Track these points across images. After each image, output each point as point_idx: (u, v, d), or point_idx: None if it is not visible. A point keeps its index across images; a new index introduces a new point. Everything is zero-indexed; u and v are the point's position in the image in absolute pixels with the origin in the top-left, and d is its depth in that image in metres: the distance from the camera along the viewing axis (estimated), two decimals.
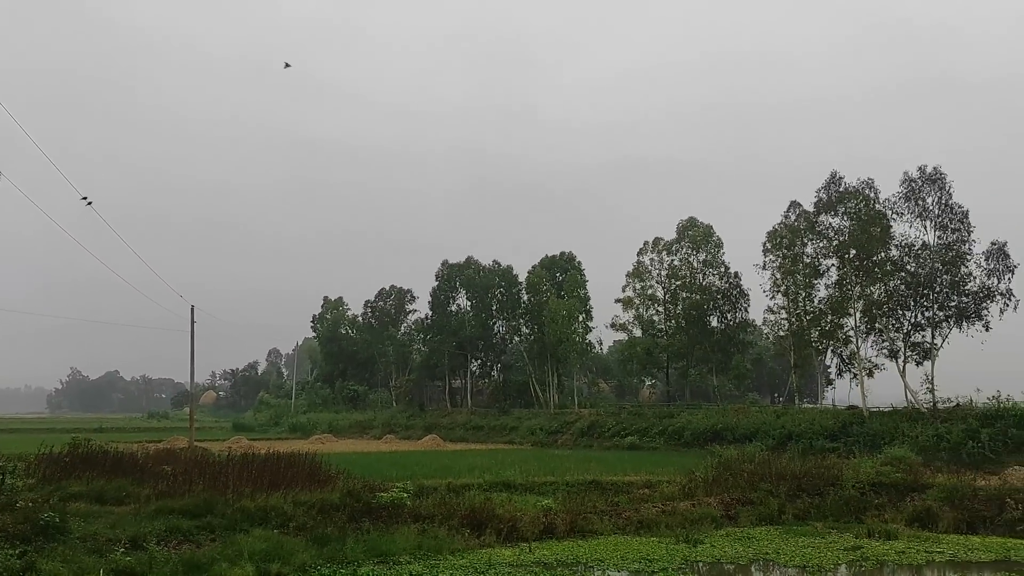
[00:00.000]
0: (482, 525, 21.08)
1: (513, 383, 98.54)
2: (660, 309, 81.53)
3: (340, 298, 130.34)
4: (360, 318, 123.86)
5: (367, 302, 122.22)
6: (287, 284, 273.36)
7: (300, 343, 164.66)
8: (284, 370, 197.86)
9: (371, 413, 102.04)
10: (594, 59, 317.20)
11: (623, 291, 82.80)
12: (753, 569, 18.92)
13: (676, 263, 79.78)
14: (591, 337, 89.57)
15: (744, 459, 30.95)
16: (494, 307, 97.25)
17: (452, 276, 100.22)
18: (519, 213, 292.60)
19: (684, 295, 77.97)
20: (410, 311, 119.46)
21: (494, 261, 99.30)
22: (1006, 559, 19.41)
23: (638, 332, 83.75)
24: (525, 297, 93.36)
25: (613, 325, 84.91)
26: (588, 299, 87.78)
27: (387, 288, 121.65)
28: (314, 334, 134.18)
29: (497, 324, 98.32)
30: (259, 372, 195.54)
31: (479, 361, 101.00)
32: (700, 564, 19.04)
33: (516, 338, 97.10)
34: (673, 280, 79.59)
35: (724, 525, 24.21)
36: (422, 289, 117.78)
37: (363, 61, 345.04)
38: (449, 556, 18.66)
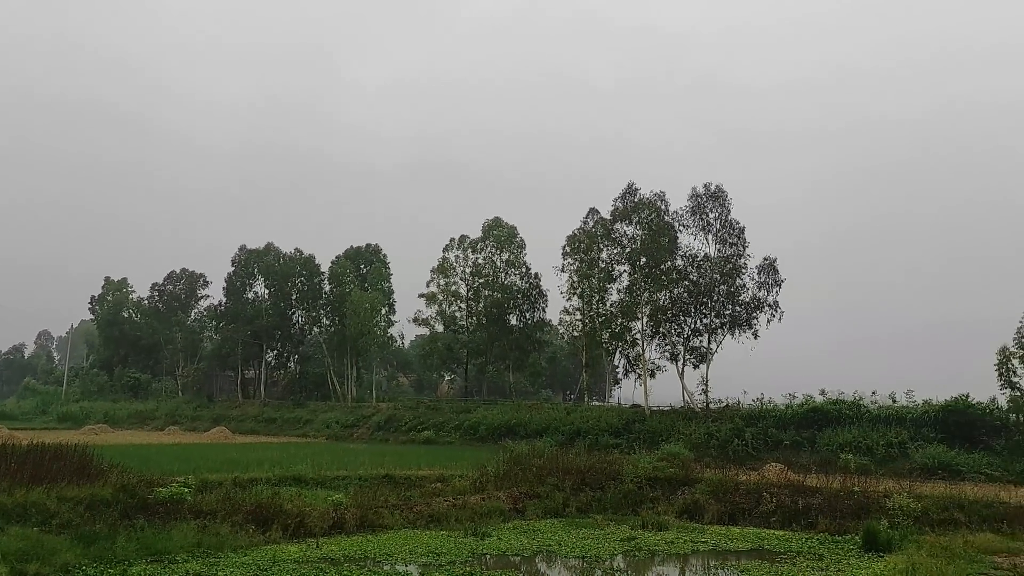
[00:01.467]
0: (268, 521, 20.40)
1: (310, 375, 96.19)
2: (463, 306, 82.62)
3: (124, 279, 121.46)
4: (146, 301, 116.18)
5: (154, 285, 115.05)
6: (58, 261, 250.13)
7: (75, 326, 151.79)
8: (56, 354, 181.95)
9: (154, 403, 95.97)
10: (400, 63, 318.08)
11: (427, 286, 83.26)
12: (537, 561, 19.59)
13: (480, 261, 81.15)
14: (393, 331, 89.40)
15: (534, 454, 32.05)
16: (294, 296, 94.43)
17: (250, 262, 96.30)
18: (326, 202, 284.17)
19: (486, 293, 79.49)
20: (202, 296, 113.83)
21: (296, 249, 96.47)
22: (760, 548, 21.31)
23: (440, 328, 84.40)
24: (327, 287, 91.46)
25: (416, 320, 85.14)
26: (392, 293, 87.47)
27: (177, 271, 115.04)
28: (92, 317, 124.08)
29: (296, 314, 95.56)
30: (26, 356, 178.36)
31: (275, 351, 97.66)
32: (487, 557, 19.48)
33: (316, 329, 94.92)
34: (476, 278, 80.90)
35: (512, 518, 24.92)
36: (216, 274, 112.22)
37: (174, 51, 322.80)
38: (231, 553, 17.91)
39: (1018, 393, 40.58)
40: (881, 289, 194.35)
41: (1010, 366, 40.98)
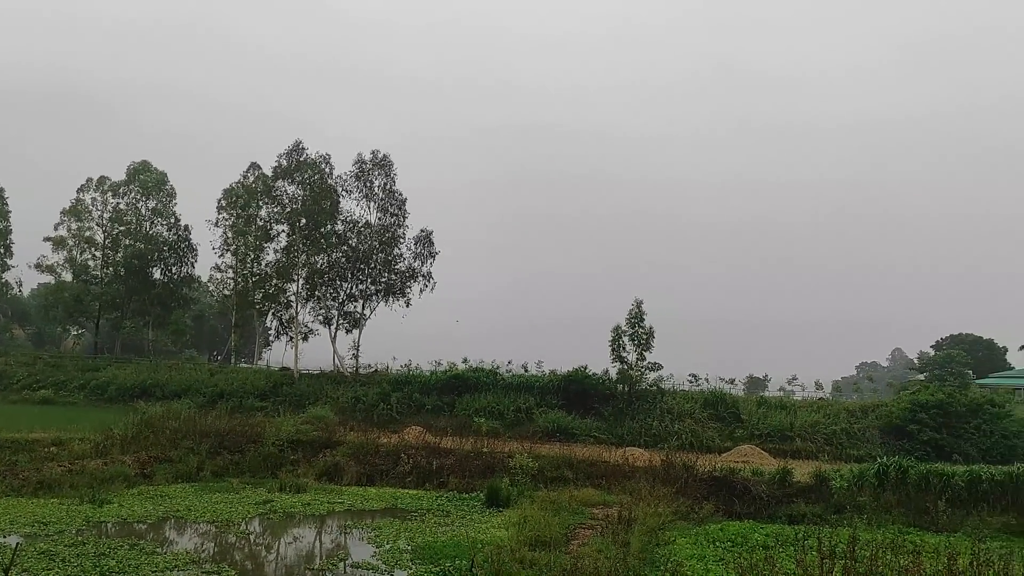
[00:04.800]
0: None
1: None
2: (98, 254, 74.79)
3: None
4: None
5: None
6: None
7: None
8: None
9: None
10: None
11: (55, 229, 73.90)
12: (164, 528, 18.56)
13: (123, 207, 73.99)
14: (9, 276, 78.27)
15: (170, 416, 30.32)
16: None
17: None
18: None
19: (127, 242, 72.81)
20: None
21: None
22: (393, 507, 22.21)
23: (68, 277, 75.51)
24: None
25: (39, 266, 75.14)
26: (9, 233, 76.43)
27: None
28: None
29: None
30: None
31: None
32: (107, 524, 18.06)
33: None
34: (117, 225, 73.65)
35: (138, 484, 23.34)
36: None
37: None
38: None
39: (625, 366, 46.44)
40: (546, 282, 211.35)
41: (621, 343, 46.71)
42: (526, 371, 53.74)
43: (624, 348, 46.68)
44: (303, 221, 57.57)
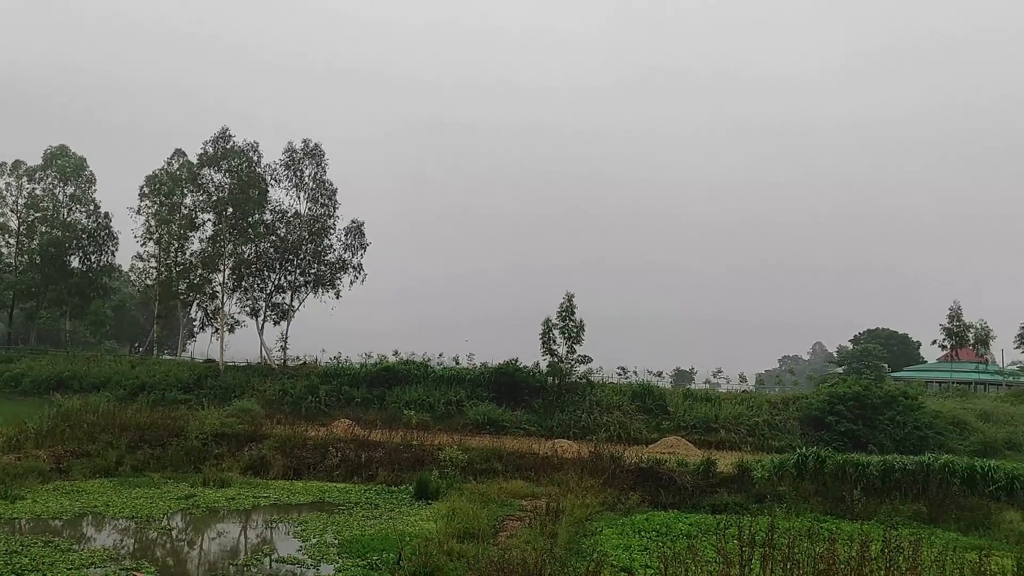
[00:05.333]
0: None
1: None
2: (11, 241, 71.76)
3: None
4: None
5: None
6: None
7: None
8: None
9: None
10: None
11: None
12: (82, 524, 18.01)
13: (39, 192, 71.14)
14: None
15: (88, 409, 29.43)
16: None
17: None
18: None
19: (43, 229, 70.07)
20: None
21: None
22: (321, 500, 22.00)
23: None
24: None
25: None
26: None
27: None
28: None
29: None
30: None
31: None
32: (19, 521, 17.44)
33: None
34: (32, 211, 70.77)
35: (53, 479, 22.60)
36: None
37: None
38: None
39: (556, 359, 46.83)
40: (483, 280, 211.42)
41: (551, 336, 47.09)
42: (457, 364, 53.69)
43: (555, 341, 47.09)
44: (230, 210, 56.24)
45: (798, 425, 43.60)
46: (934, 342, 69.41)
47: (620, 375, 53.35)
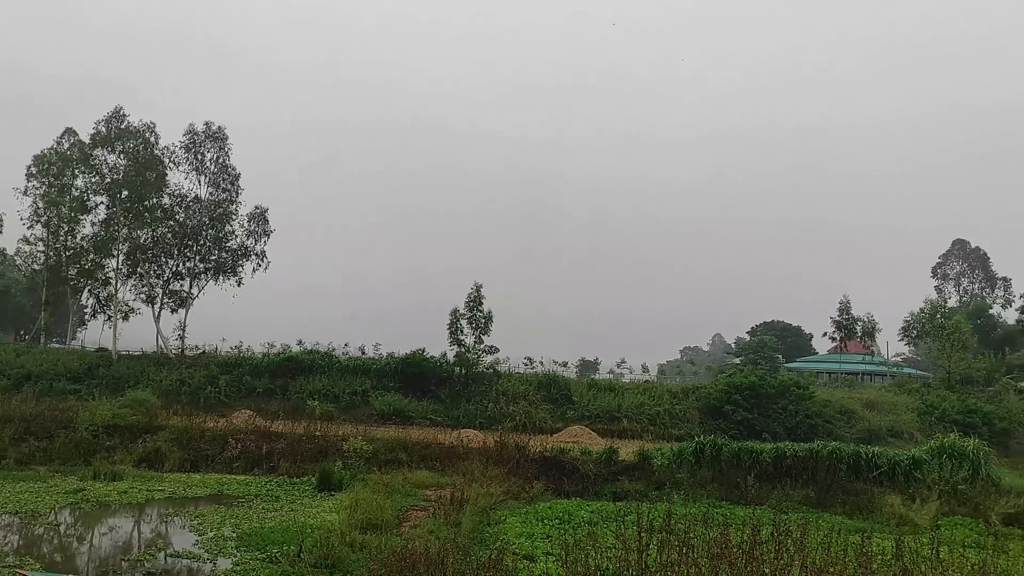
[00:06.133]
0: None
1: None
2: None
3: None
4: None
5: None
6: None
7: None
8: None
9: None
10: None
11: None
12: None
13: None
14: None
15: None
16: None
17: None
18: None
19: None
20: None
21: None
22: (219, 493, 21.44)
23: None
24: None
25: None
26: None
27: None
28: None
29: None
30: None
31: None
32: None
33: None
34: None
35: None
36: None
37: None
38: None
39: (463, 349, 46.85)
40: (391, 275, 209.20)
41: (459, 326, 47.09)
42: (364, 354, 53.10)
43: (462, 331, 47.12)
44: (125, 193, 53.92)
45: (697, 414, 44.94)
46: (825, 334, 72.33)
47: (527, 365, 53.86)
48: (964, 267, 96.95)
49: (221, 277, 56.18)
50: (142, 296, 55.44)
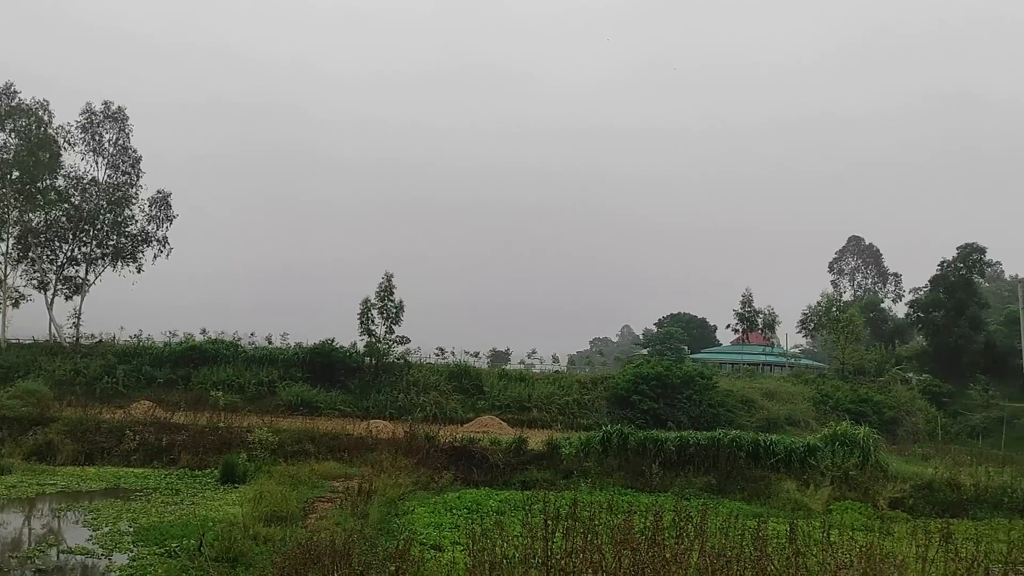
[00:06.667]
0: None
1: None
2: None
3: None
4: None
5: None
6: None
7: None
8: None
9: None
10: None
11: None
12: None
13: None
14: None
15: None
16: None
17: None
18: None
19: None
20: None
21: None
22: (116, 487, 20.70)
23: None
24: None
25: None
26: None
27: None
28: None
29: None
30: None
31: None
32: None
33: None
34: None
35: None
36: None
37: None
38: None
39: (374, 339, 46.39)
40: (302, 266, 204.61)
41: (370, 316, 46.60)
42: (271, 344, 52.00)
43: (373, 321, 46.69)
44: (15, 174, 51.20)
45: (605, 404, 45.71)
46: (728, 326, 74.51)
47: (438, 356, 53.68)
48: (859, 263, 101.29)
49: (120, 263, 54.00)
50: (34, 282, 52.79)
